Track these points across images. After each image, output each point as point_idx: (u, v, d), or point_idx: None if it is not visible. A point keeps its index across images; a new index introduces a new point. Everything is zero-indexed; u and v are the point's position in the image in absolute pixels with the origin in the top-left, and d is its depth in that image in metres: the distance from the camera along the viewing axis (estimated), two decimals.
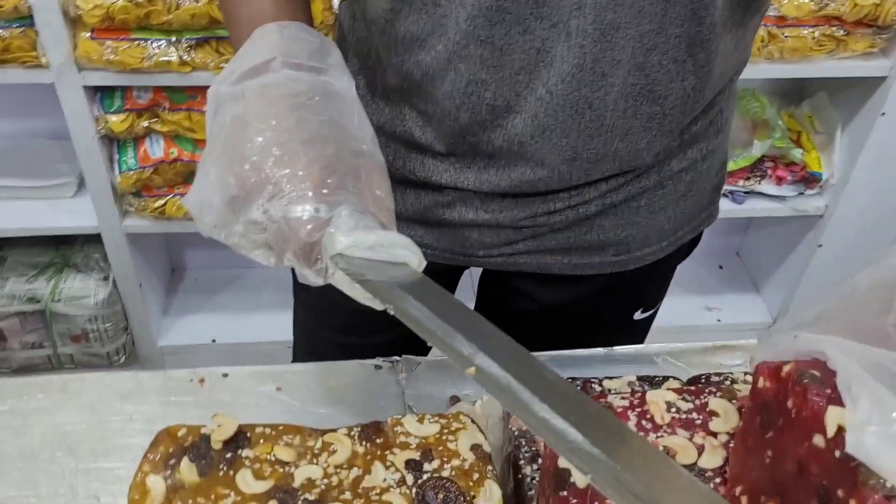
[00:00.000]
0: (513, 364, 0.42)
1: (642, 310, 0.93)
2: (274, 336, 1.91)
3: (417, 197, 0.79)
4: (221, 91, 0.56)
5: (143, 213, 1.64)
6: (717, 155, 0.82)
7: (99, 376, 0.75)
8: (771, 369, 0.42)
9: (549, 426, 0.38)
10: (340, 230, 0.50)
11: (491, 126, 0.69)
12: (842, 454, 0.36)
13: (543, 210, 0.76)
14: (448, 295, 0.49)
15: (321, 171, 0.51)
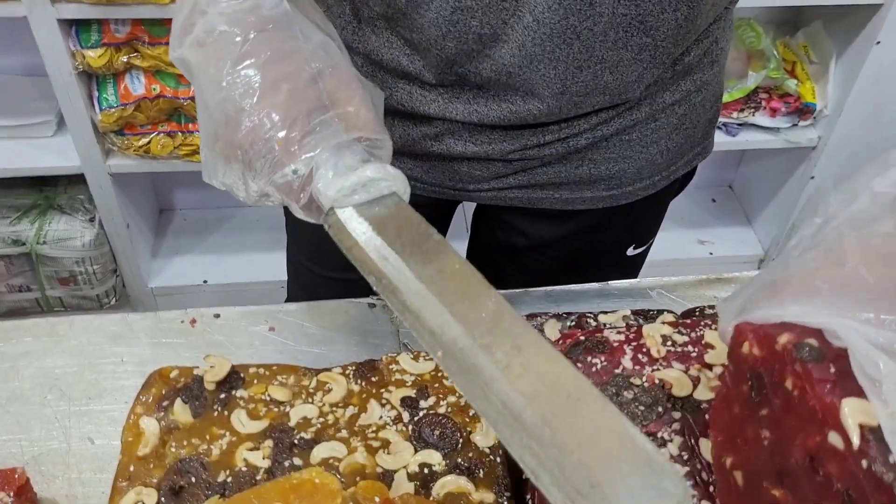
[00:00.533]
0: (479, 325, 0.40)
1: (635, 245, 0.92)
2: (266, 276, 1.90)
3: (406, 129, 0.77)
4: (174, 58, 0.55)
5: (126, 151, 1.61)
6: (712, 87, 0.80)
7: (88, 319, 0.74)
8: (761, 336, 0.38)
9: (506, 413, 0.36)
10: (321, 183, 0.49)
11: (478, 56, 0.67)
12: (874, 466, 0.32)
13: (533, 143, 0.75)
14: (428, 230, 0.47)
15: (282, 129, 0.49)
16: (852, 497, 0.34)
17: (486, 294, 0.42)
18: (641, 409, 0.47)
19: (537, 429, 0.35)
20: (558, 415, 0.35)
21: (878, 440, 0.33)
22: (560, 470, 0.34)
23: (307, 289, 1.02)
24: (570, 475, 0.33)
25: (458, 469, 0.54)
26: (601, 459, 0.33)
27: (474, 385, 0.38)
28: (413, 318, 0.43)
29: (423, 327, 0.42)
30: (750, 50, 1.76)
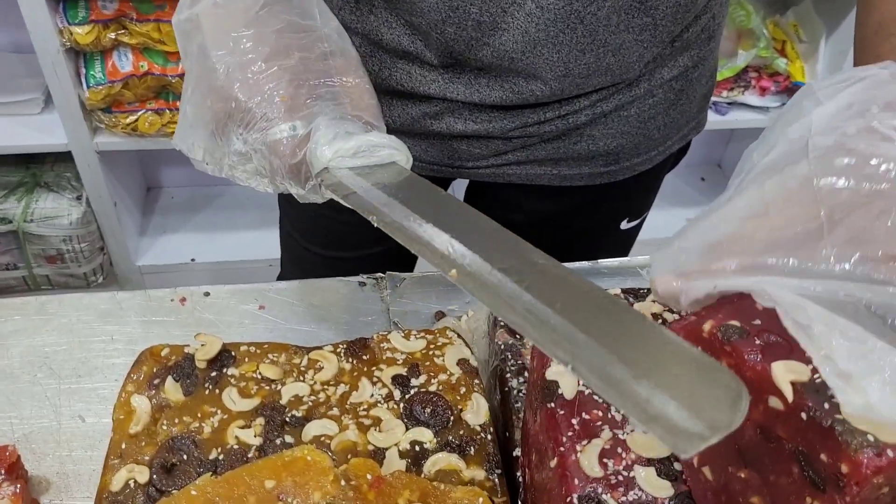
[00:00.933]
0: (498, 255, 0.40)
1: (629, 219, 0.93)
2: (255, 254, 1.90)
3: (405, 108, 0.77)
4: (181, 20, 0.54)
5: (114, 129, 1.59)
6: (708, 62, 0.80)
7: (77, 297, 0.73)
8: (688, 329, 0.39)
9: (533, 317, 0.35)
10: (320, 143, 0.48)
11: (477, 44, 0.67)
12: (813, 415, 0.34)
13: (534, 120, 0.74)
14: (436, 189, 0.47)
15: (289, 87, 0.49)
16: (803, 452, 0.36)
17: (499, 230, 0.42)
18: None
19: (568, 331, 0.34)
20: (589, 320, 0.34)
21: (809, 391, 0.35)
22: (599, 363, 0.32)
23: (300, 265, 1.02)
24: (610, 369, 0.32)
25: (448, 446, 0.54)
26: (643, 355, 0.32)
27: (495, 298, 0.37)
28: (420, 245, 0.42)
29: (434, 253, 0.41)
30: (740, 29, 1.75)
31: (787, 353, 0.37)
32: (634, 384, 0.31)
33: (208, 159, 0.54)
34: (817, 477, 0.35)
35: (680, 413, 0.29)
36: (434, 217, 0.44)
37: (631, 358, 0.32)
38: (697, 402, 0.30)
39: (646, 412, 0.30)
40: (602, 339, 0.33)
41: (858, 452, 0.33)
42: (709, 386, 0.30)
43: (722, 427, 0.29)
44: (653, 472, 0.45)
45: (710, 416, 0.29)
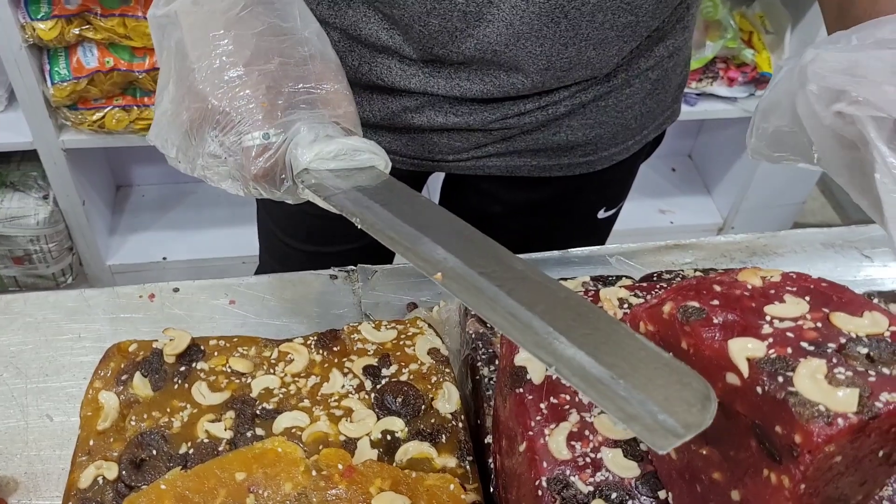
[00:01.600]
0: (479, 260, 0.41)
1: (605, 208, 0.94)
2: (227, 252, 1.89)
3: (385, 103, 0.76)
4: (157, 15, 0.54)
5: (80, 126, 1.57)
6: (683, 52, 0.82)
7: (43, 295, 0.73)
8: (650, 313, 0.41)
9: (515, 321, 0.37)
10: (301, 145, 0.49)
11: (461, 35, 0.67)
12: (767, 388, 0.35)
13: (514, 112, 0.75)
14: (414, 194, 0.48)
15: (268, 93, 0.49)
16: (760, 426, 0.37)
17: (481, 237, 0.43)
18: None
19: (550, 335, 0.36)
20: (570, 326, 0.36)
21: (763, 365, 0.36)
22: (580, 365, 0.34)
23: (279, 260, 1.02)
24: (591, 370, 0.34)
25: (420, 435, 0.54)
26: (621, 359, 0.34)
27: (479, 300, 0.39)
28: (404, 248, 0.43)
29: (417, 256, 0.42)
30: (707, 20, 1.77)
31: (743, 330, 0.38)
32: (614, 385, 0.33)
33: (181, 158, 0.54)
34: (773, 449, 0.36)
35: (657, 412, 0.32)
36: (414, 221, 0.44)
37: (609, 361, 0.34)
38: (671, 403, 0.32)
39: (625, 411, 0.32)
40: (582, 343, 0.35)
41: (810, 422, 0.34)
42: (681, 388, 0.32)
43: (694, 426, 0.31)
44: (619, 453, 0.45)
45: (683, 416, 0.31)
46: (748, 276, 0.43)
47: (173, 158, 0.54)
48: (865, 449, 0.36)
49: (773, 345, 0.37)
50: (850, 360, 0.37)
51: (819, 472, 0.35)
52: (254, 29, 0.51)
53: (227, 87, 0.49)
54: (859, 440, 0.35)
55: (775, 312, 0.40)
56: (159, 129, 0.54)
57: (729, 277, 0.43)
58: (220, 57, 0.50)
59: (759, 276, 0.43)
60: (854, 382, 0.36)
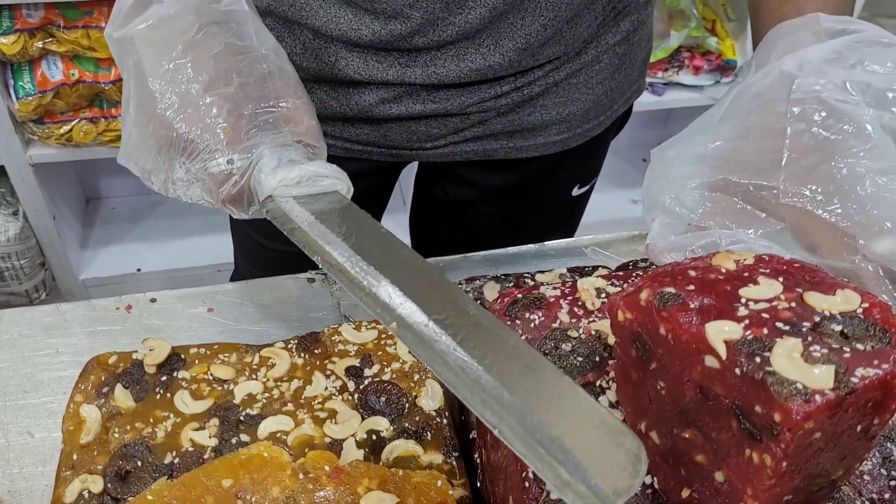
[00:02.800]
0: (434, 305, 0.41)
1: (579, 185, 0.95)
2: (202, 260, 1.87)
3: (361, 96, 0.77)
4: (114, 37, 0.53)
5: (47, 141, 1.55)
6: (646, 26, 0.84)
7: (18, 311, 0.72)
8: (628, 301, 0.42)
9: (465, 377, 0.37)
10: (264, 171, 0.49)
11: (443, 23, 0.68)
12: (745, 370, 0.36)
13: (491, 94, 0.76)
14: (376, 225, 0.48)
15: (229, 117, 0.49)
16: (740, 406, 0.37)
17: (440, 278, 0.43)
18: (580, 359, 0.49)
19: (496, 391, 0.36)
20: (516, 380, 0.36)
21: (740, 347, 0.37)
22: (521, 426, 0.35)
23: (255, 261, 1.02)
24: (531, 430, 0.35)
25: (405, 433, 0.55)
26: (560, 418, 0.35)
27: (431, 353, 0.39)
28: (363, 293, 0.43)
29: (376, 302, 0.42)
30: (671, 10, 1.79)
31: (720, 313, 0.38)
32: (552, 447, 0.34)
33: (153, 179, 0.54)
34: (754, 428, 0.37)
35: (589, 479, 0.32)
36: (375, 258, 0.44)
37: (549, 420, 0.35)
38: (604, 466, 0.33)
39: (560, 478, 0.33)
40: (526, 399, 0.36)
41: (789, 400, 0.34)
42: (614, 449, 0.33)
43: (623, 492, 0.32)
44: None
45: (613, 482, 0.32)
46: (722, 259, 0.44)
47: (146, 179, 0.55)
48: (844, 424, 0.37)
49: (749, 326, 0.38)
50: (825, 337, 0.38)
51: (800, 449, 0.36)
52: (211, 51, 0.51)
53: (189, 114, 0.49)
54: (837, 416, 0.36)
55: (750, 294, 0.40)
56: (128, 152, 0.54)
57: (703, 262, 0.44)
58: (181, 84, 0.50)
59: (733, 260, 0.43)
60: (830, 359, 0.36)
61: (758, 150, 0.49)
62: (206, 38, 0.51)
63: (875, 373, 0.36)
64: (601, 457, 0.33)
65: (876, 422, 0.39)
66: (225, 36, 0.52)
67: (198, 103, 0.49)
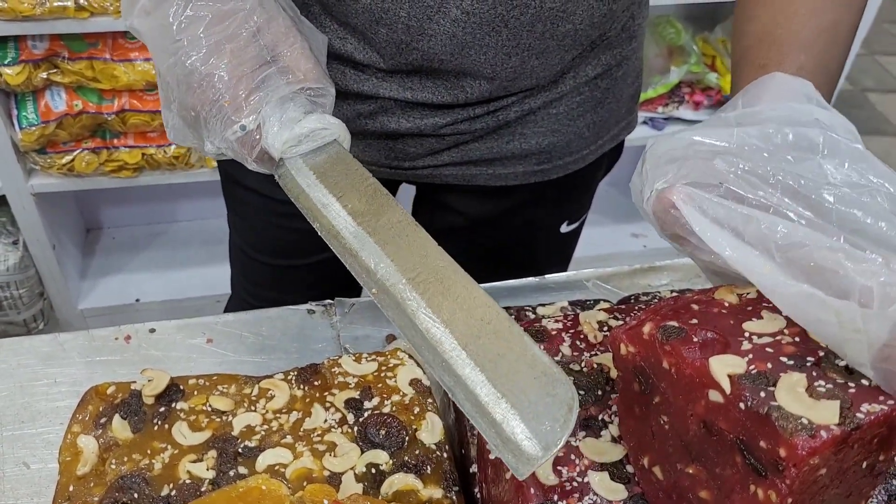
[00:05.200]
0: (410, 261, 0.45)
1: (568, 222, 0.95)
2: (201, 291, 1.87)
3: (339, 108, 0.78)
4: (128, 25, 0.56)
5: (49, 170, 1.56)
6: (632, 62, 0.84)
7: (17, 341, 0.71)
8: (630, 334, 0.42)
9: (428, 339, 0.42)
10: (269, 135, 0.52)
11: (407, 48, 0.70)
12: (749, 404, 0.36)
13: (464, 117, 0.77)
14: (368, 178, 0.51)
15: (229, 88, 0.51)
16: (744, 441, 0.37)
17: (414, 231, 0.47)
18: (582, 393, 0.49)
19: (455, 352, 0.41)
20: (472, 336, 0.41)
21: (745, 381, 0.37)
22: (472, 385, 0.40)
23: (250, 278, 1.02)
24: (480, 391, 0.39)
25: (405, 467, 0.54)
26: (506, 374, 0.39)
27: (403, 317, 0.44)
28: (352, 259, 0.47)
29: (361, 267, 0.47)
30: (671, 46, 1.81)
31: (724, 347, 0.38)
32: (495, 407, 0.38)
33: (199, 148, 0.56)
34: (759, 464, 0.36)
35: (523, 436, 0.37)
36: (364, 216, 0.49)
37: (495, 376, 0.39)
38: (538, 422, 0.37)
39: (500, 436, 0.38)
40: (479, 356, 0.40)
41: (794, 436, 0.34)
42: (549, 400, 0.38)
43: (552, 445, 0.36)
44: (606, 476, 0.45)
45: (546, 437, 0.37)
46: (724, 293, 0.43)
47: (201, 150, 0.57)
48: (849, 461, 0.37)
49: (753, 361, 0.38)
50: (830, 372, 0.38)
51: (805, 486, 0.36)
52: (200, 27, 0.53)
53: (196, 93, 0.52)
54: (843, 452, 0.36)
55: (753, 329, 0.40)
56: (171, 133, 0.57)
57: (706, 296, 0.44)
58: (183, 66, 0.52)
59: (736, 294, 0.43)
60: (835, 395, 0.36)
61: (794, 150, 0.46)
62: (193, 11, 0.53)
63: (880, 408, 0.36)
64: (536, 410, 0.37)
65: (881, 458, 0.39)
66: (210, 6, 0.53)
67: (200, 81, 0.52)
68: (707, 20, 1.93)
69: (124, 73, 1.46)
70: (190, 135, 0.55)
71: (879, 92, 2.96)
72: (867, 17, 1.74)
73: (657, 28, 1.82)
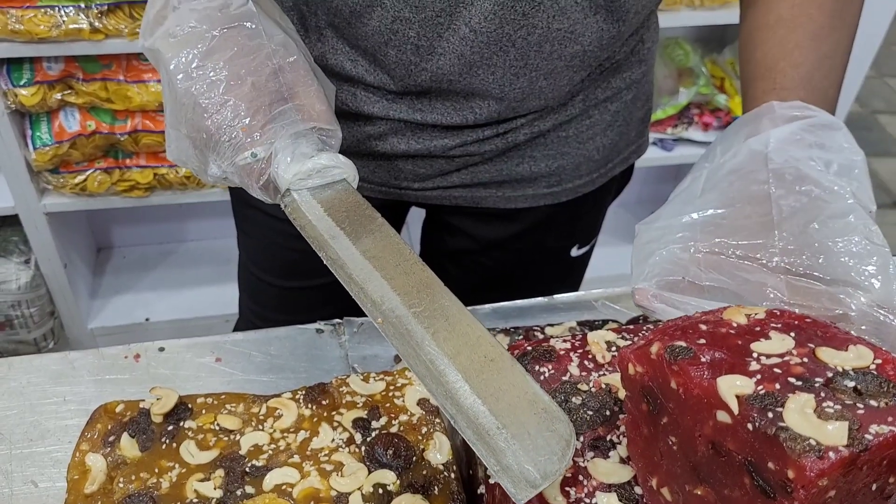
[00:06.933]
0: (415, 297, 0.46)
1: (578, 245, 0.95)
2: (210, 311, 1.87)
3: (350, 130, 0.79)
4: (145, 46, 0.58)
5: (62, 190, 1.57)
6: (642, 86, 0.84)
7: (27, 359, 0.72)
8: (638, 354, 0.43)
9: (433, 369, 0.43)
10: (280, 167, 0.53)
11: (416, 69, 0.70)
12: (758, 425, 0.36)
13: (473, 139, 0.77)
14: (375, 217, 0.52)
15: (245, 117, 0.54)
16: (752, 462, 0.37)
17: (421, 270, 0.48)
18: (590, 413, 0.48)
19: (458, 384, 0.42)
20: (475, 371, 0.42)
21: (753, 402, 0.37)
22: (474, 415, 0.41)
23: (258, 300, 1.03)
24: (482, 420, 0.40)
25: (412, 487, 0.54)
26: (507, 408, 0.41)
27: (407, 346, 0.45)
28: (358, 289, 0.48)
29: (367, 298, 0.48)
30: (680, 68, 1.82)
31: (732, 367, 0.38)
32: (497, 436, 0.40)
33: (200, 173, 0.58)
34: (767, 485, 0.36)
35: (525, 466, 0.38)
36: (371, 252, 0.50)
37: (497, 409, 0.41)
38: (538, 452, 0.39)
39: (500, 463, 0.39)
40: (482, 390, 0.42)
41: (802, 457, 0.34)
42: (548, 435, 0.39)
43: (551, 475, 0.38)
44: (614, 497, 0.45)
45: (543, 466, 0.38)
46: (733, 314, 0.43)
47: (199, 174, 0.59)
48: (859, 483, 0.37)
49: (761, 381, 0.38)
50: (838, 393, 0.37)
51: None
52: (225, 55, 0.55)
53: (211, 117, 0.54)
54: (852, 473, 0.35)
55: (762, 349, 0.40)
56: (172, 153, 0.59)
57: (714, 316, 0.44)
58: (202, 91, 0.54)
59: (744, 314, 0.43)
60: (843, 416, 0.36)
61: (746, 216, 0.53)
62: (219, 43, 0.55)
63: (890, 430, 0.35)
64: (536, 443, 0.39)
65: (892, 481, 0.38)
66: (236, 39, 0.56)
67: (218, 106, 0.54)
68: (716, 42, 1.93)
69: (137, 93, 1.48)
70: (194, 157, 0.56)
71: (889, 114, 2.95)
72: (876, 40, 1.74)
73: (666, 50, 1.83)
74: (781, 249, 0.50)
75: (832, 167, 0.53)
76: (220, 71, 0.54)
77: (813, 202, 0.52)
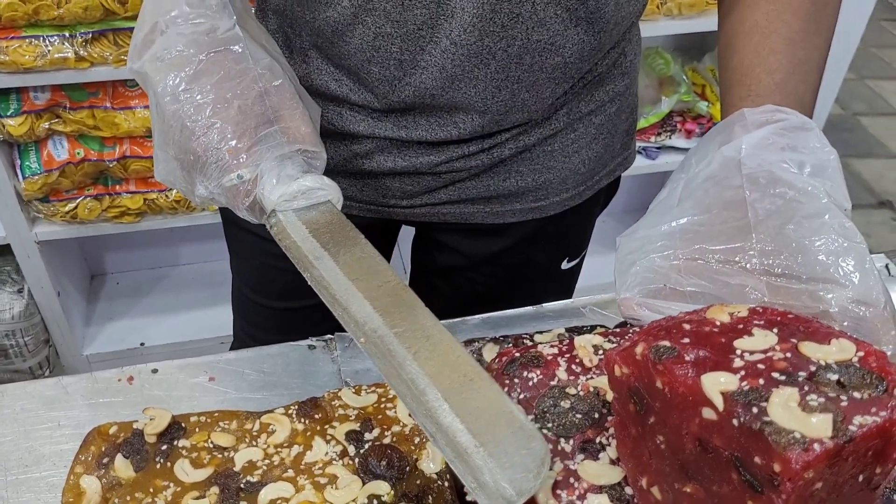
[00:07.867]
0: (397, 318, 0.47)
1: (568, 258, 0.95)
2: (205, 333, 1.87)
3: (336, 148, 0.80)
4: (133, 69, 0.59)
5: (53, 218, 1.57)
6: (626, 98, 0.85)
7: (21, 385, 0.72)
8: (624, 356, 0.43)
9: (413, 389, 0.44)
10: (266, 188, 0.54)
11: (400, 84, 0.71)
12: (743, 420, 0.37)
13: (458, 154, 0.78)
14: (359, 240, 0.53)
15: (232, 139, 0.54)
16: (739, 457, 0.37)
17: (403, 291, 0.49)
18: (579, 416, 0.49)
19: (438, 403, 0.43)
20: (455, 391, 0.43)
21: (737, 398, 0.37)
22: (453, 434, 0.42)
23: (252, 321, 1.03)
24: (461, 439, 0.41)
25: (406, 498, 0.54)
26: (485, 426, 0.42)
27: (389, 366, 0.45)
28: (342, 309, 0.49)
29: (350, 318, 0.49)
30: (661, 77, 1.84)
31: (716, 365, 0.39)
32: (474, 454, 0.41)
33: (187, 193, 0.59)
34: (754, 479, 0.36)
35: (501, 483, 0.39)
36: (354, 273, 0.51)
37: (476, 427, 0.42)
38: (514, 470, 0.40)
39: (477, 480, 0.40)
40: (461, 409, 0.43)
41: (787, 450, 0.34)
42: (525, 453, 0.40)
43: (526, 492, 0.39)
44: (605, 498, 0.45)
45: (519, 484, 0.39)
46: (716, 312, 0.44)
47: (186, 194, 0.60)
48: (845, 474, 0.37)
49: (745, 377, 0.38)
50: (822, 386, 0.38)
51: (801, 500, 0.36)
52: (212, 78, 0.56)
53: (198, 139, 0.55)
54: (837, 465, 0.36)
55: (745, 346, 0.41)
56: (160, 174, 0.59)
57: (698, 316, 0.44)
58: (189, 113, 0.55)
59: (727, 313, 0.44)
60: (827, 408, 0.36)
61: (723, 222, 0.54)
62: (206, 66, 0.56)
63: (873, 420, 0.36)
64: (512, 461, 0.40)
65: (878, 471, 0.39)
66: (223, 63, 0.57)
67: (205, 129, 0.55)
68: (695, 50, 1.95)
69: (125, 120, 1.49)
70: (181, 177, 0.57)
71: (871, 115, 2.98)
72: (853, 44, 1.76)
73: (647, 59, 1.85)
74: (759, 251, 0.52)
75: (805, 168, 0.54)
76: (206, 94, 0.55)
77: (788, 204, 0.53)
